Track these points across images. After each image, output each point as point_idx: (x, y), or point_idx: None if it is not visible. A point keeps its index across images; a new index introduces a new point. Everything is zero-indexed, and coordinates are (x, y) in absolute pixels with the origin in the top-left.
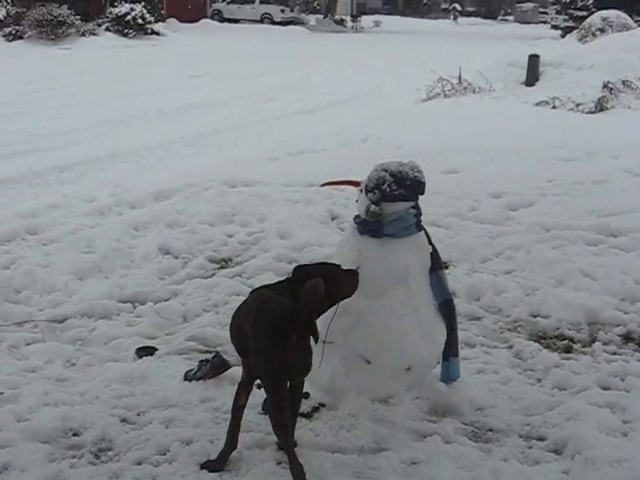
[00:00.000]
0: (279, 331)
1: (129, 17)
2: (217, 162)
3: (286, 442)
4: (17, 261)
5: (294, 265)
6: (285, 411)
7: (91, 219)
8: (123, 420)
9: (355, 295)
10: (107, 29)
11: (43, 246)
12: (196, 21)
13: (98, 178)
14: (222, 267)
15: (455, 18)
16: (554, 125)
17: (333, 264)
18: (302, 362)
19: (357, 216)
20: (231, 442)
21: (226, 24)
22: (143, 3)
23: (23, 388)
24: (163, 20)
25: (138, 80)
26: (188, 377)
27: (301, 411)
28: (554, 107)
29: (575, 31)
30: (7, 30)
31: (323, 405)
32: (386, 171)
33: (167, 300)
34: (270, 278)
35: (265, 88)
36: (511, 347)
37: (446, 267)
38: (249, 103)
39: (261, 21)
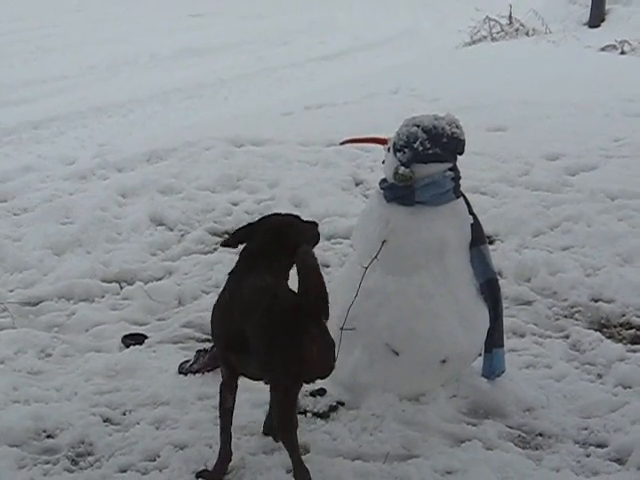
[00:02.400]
0: (296, 327)
1: None
2: (221, 117)
3: (292, 444)
4: None
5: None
6: (295, 415)
7: (71, 184)
8: (106, 420)
9: (381, 274)
10: None
11: (14, 216)
12: None
13: (79, 136)
14: None
15: None
16: (622, 74)
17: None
18: (325, 360)
19: (384, 180)
20: (225, 453)
21: None
22: None
23: None
24: None
25: (127, 20)
26: (183, 370)
27: (316, 410)
28: (622, 52)
29: None
30: None
31: (342, 403)
32: (418, 126)
33: (160, 279)
34: None
35: (278, 29)
36: (567, 337)
37: (490, 242)
38: (259, 47)
39: None
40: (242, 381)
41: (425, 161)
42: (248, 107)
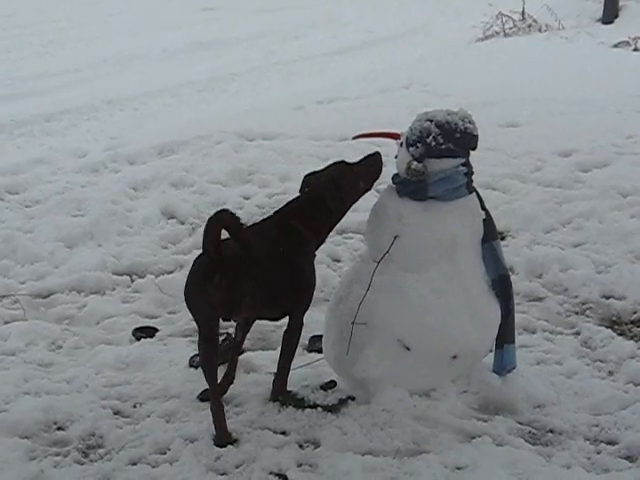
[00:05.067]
0: (202, 274)
1: None
2: (232, 111)
3: (210, 381)
4: None
5: None
6: (213, 355)
7: (82, 177)
8: (116, 412)
9: (393, 269)
10: None
11: (25, 208)
12: None
13: (91, 129)
14: None
15: None
16: (635, 70)
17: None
18: (229, 301)
19: (396, 175)
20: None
21: None
22: None
23: (0, 374)
24: None
25: (139, 13)
26: (193, 363)
27: (326, 404)
28: (636, 49)
29: None
30: None
31: (352, 398)
32: (431, 121)
33: (171, 273)
34: None
35: (290, 24)
36: (578, 333)
37: (502, 237)
38: (271, 41)
39: None
40: (251, 376)
41: (438, 156)
42: (259, 101)
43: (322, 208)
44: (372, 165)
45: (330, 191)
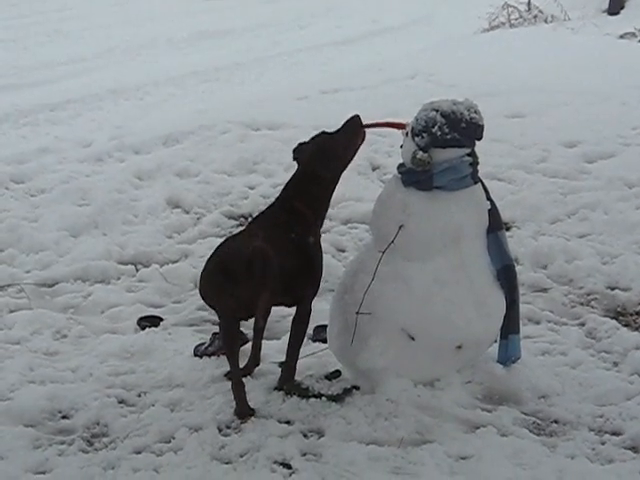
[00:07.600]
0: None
1: None
2: (237, 100)
3: (232, 364)
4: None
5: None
6: (234, 342)
7: (87, 166)
8: (121, 401)
9: (398, 259)
10: None
11: (30, 197)
12: None
13: (96, 118)
14: (241, 224)
15: None
16: None
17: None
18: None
19: (401, 164)
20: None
21: None
22: None
23: (5, 362)
24: None
25: (144, 2)
26: (198, 352)
27: (330, 393)
28: None
29: None
30: None
31: (357, 388)
32: (437, 111)
33: (175, 262)
34: None
35: (295, 13)
36: (583, 324)
37: (507, 228)
38: (276, 31)
39: None
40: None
41: (443, 146)
42: (264, 91)
43: (315, 183)
44: (353, 129)
45: (320, 164)
